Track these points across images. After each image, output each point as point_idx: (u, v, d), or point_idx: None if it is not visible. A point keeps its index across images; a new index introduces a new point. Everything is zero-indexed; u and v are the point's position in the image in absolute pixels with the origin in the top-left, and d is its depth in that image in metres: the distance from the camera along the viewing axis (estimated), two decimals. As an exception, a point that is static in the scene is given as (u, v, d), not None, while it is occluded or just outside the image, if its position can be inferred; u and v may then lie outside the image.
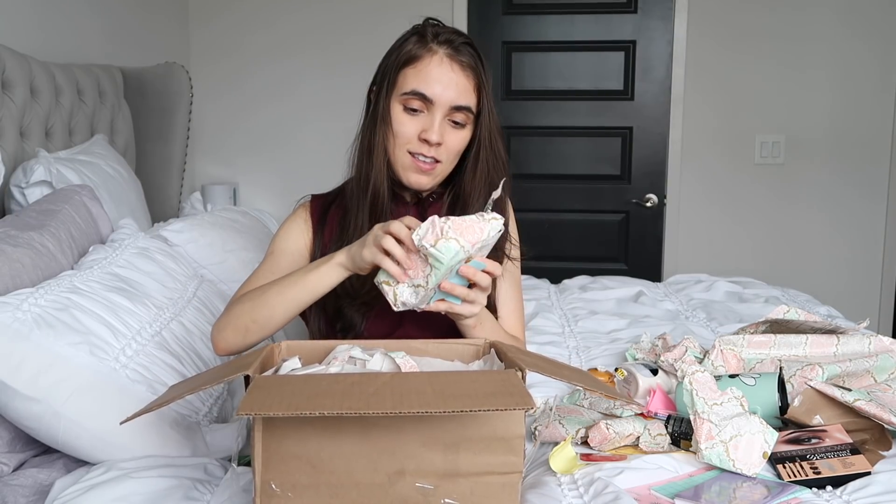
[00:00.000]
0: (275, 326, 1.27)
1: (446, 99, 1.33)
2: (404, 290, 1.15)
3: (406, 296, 1.16)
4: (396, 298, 1.16)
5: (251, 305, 1.27)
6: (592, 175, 3.42)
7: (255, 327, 1.26)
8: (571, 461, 1.16)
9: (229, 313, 1.29)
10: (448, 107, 1.33)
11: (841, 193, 3.36)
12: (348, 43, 3.32)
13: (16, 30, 2.10)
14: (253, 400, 0.89)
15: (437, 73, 1.33)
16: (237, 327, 1.27)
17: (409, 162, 1.36)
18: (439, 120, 1.33)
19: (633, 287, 2.43)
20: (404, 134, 1.34)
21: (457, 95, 1.33)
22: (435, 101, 1.32)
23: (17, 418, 1.23)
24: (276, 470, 0.94)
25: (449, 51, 1.34)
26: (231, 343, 1.28)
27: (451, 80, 1.33)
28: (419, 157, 1.35)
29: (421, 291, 1.15)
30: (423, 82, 1.33)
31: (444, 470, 0.95)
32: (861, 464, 1.14)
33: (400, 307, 1.17)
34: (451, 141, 1.35)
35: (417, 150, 1.34)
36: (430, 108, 1.33)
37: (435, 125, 1.33)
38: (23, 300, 1.27)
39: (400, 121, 1.34)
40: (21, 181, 1.81)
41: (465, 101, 1.34)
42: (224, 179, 3.45)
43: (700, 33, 3.28)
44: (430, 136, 1.32)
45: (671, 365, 1.42)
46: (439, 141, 1.33)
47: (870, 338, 1.42)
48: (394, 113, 1.35)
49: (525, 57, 3.37)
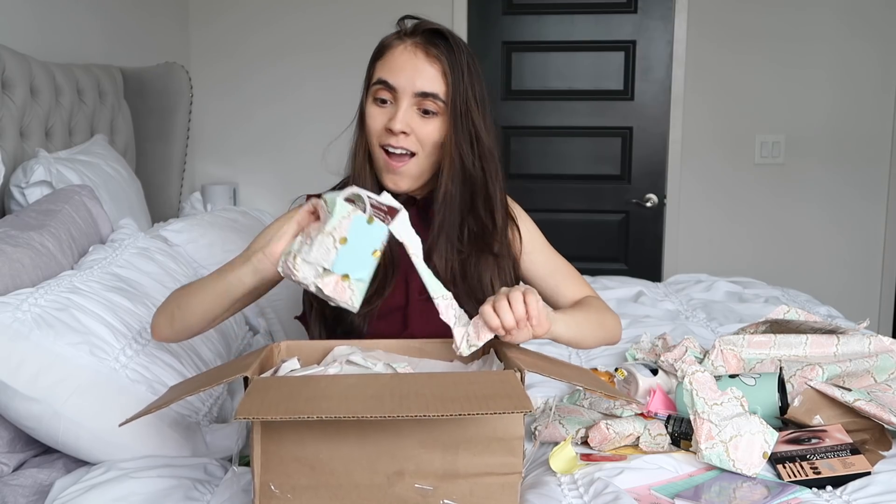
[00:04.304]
0: (196, 320, 1.23)
1: (410, 86, 1.30)
2: (304, 266, 1.10)
3: (306, 271, 1.10)
4: (295, 266, 1.10)
5: (181, 293, 1.26)
6: (592, 175, 3.42)
7: (179, 315, 1.24)
8: (571, 461, 1.16)
9: (167, 298, 1.29)
10: (412, 94, 1.31)
11: (841, 193, 3.36)
12: (348, 43, 3.31)
13: (16, 30, 2.10)
14: (251, 403, 0.89)
15: (401, 61, 1.31)
16: (166, 312, 1.26)
17: (384, 161, 1.34)
18: (404, 108, 1.31)
19: (633, 287, 2.43)
20: (374, 128, 1.33)
21: (421, 82, 1.30)
22: (398, 89, 1.31)
23: (17, 418, 1.23)
24: (275, 471, 0.94)
25: (417, 39, 1.33)
26: (161, 327, 1.27)
27: (414, 66, 1.31)
28: (388, 150, 1.32)
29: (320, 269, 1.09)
30: (388, 71, 1.32)
31: (443, 471, 0.95)
32: (861, 464, 1.14)
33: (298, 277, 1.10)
34: (421, 131, 1.32)
35: (384, 141, 1.32)
36: (396, 98, 1.32)
37: (399, 114, 1.30)
38: (23, 300, 1.27)
39: (370, 114, 1.34)
40: (21, 181, 1.81)
41: (430, 87, 1.31)
42: (224, 179, 3.45)
43: (700, 33, 3.28)
44: (392, 125, 1.30)
45: (671, 365, 1.42)
46: (403, 129, 1.30)
47: (870, 338, 1.42)
48: (366, 108, 1.35)
49: (525, 57, 3.37)
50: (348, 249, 1.09)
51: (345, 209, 1.10)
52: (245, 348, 1.85)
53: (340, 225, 1.09)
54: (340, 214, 1.09)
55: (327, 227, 1.09)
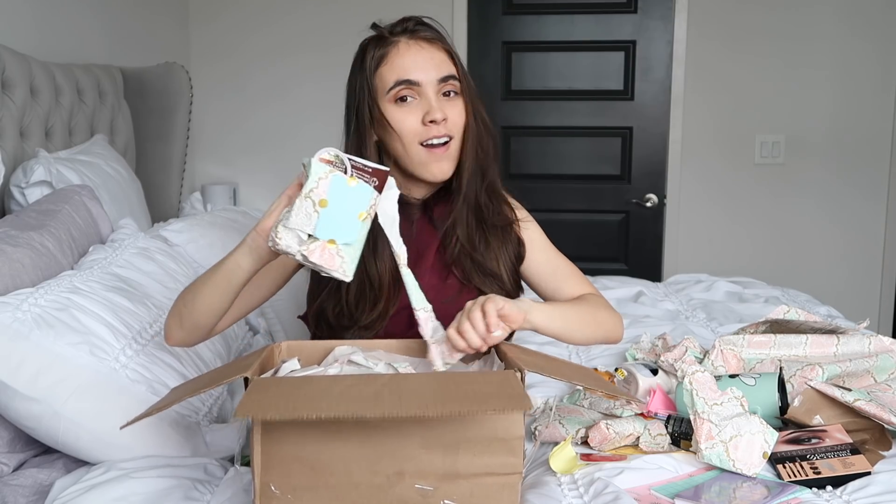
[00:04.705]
0: (203, 314, 1.22)
1: (430, 75, 1.33)
2: (286, 232, 1.06)
3: (288, 238, 1.06)
4: (277, 234, 1.07)
5: (185, 291, 1.26)
6: (592, 175, 3.42)
7: (186, 313, 1.23)
8: (571, 461, 1.16)
9: (174, 301, 1.28)
10: (435, 81, 1.33)
11: (841, 193, 3.35)
12: (348, 43, 3.27)
13: (16, 30, 2.10)
14: (251, 402, 0.89)
15: (411, 57, 1.33)
16: (175, 315, 1.25)
17: (425, 155, 1.34)
18: (434, 97, 1.33)
19: (633, 287, 2.43)
20: (409, 129, 1.33)
21: (437, 69, 1.33)
22: (421, 83, 1.32)
23: (17, 418, 1.23)
24: (275, 472, 0.94)
25: (407, 35, 1.35)
26: (173, 330, 1.26)
27: (424, 57, 1.33)
28: (431, 143, 1.33)
29: (303, 236, 1.06)
30: (402, 70, 1.33)
31: (443, 471, 0.95)
32: (861, 464, 1.14)
33: (281, 246, 1.06)
34: (452, 113, 1.35)
35: (428, 136, 1.33)
36: (421, 92, 1.33)
37: (433, 103, 1.32)
38: (23, 300, 1.27)
39: (398, 118, 1.33)
40: (21, 181, 1.81)
41: (446, 70, 1.34)
42: (224, 179, 3.45)
43: (700, 33, 3.28)
44: (435, 115, 1.31)
45: (671, 365, 1.42)
46: (444, 117, 1.33)
47: (870, 338, 1.42)
48: (389, 114, 1.33)
49: (525, 57, 3.37)
50: (330, 212, 1.05)
51: (321, 169, 1.05)
52: (245, 349, 1.85)
53: (318, 186, 1.05)
54: (317, 175, 1.05)
55: (304, 190, 1.05)
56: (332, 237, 1.05)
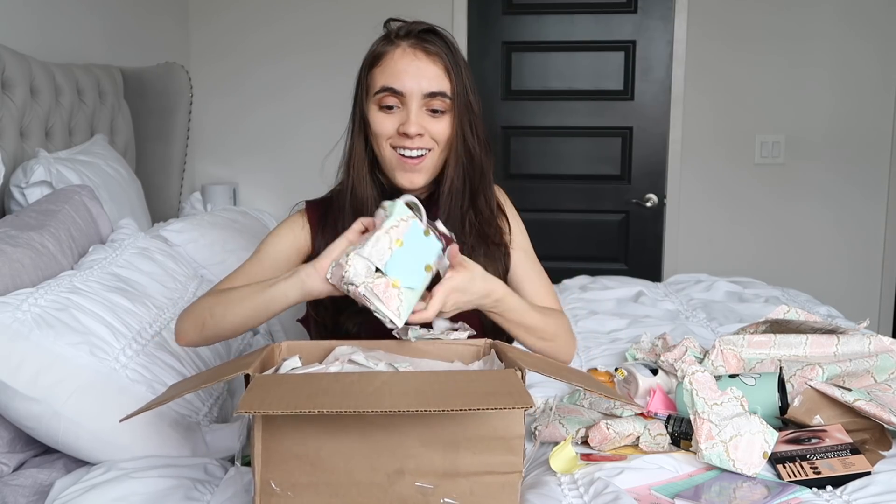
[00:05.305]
0: (230, 328, 1.24)
1: (417, 88, 1.30)
2: (357, 260, 1.08)
3: (358, 266, 1.08)
4: (347, 262, 1.09)
5: (215, 300, 1.26)
6: (592, 175, 3.42)
7: (212, 323, 1.24)
8: (571, 461, 1.16)
9: (195, 304, 1.28)
10: (421, 96, 1.31)
11: (841, 193, 3.35)
12: (348, 43, 3.29)
13: (16, 30, 2.10)
14: (252, 398, 0.89)
15: (403, 65, 1.31)
16: (196, 319, 1.26)
17: (396, 160, 1.33)
18: (415, 111, 1.31)
19: (633, 287, 2.43)
20: (384, 132, 1.33)
21: (427, 83, 1.31)
22: (406, 94, 1.31)
23: (17, 418, 1.23)
24: (275, 469, 0.94)
25: (412, 41, 1.32)
26: (189, 334, 1.27)
27: (417, 68, 1.31)
28: (403, 153, 1.32)
29: (372, 267, 1.08)
30: (392, 76, 1.31)
31: (443, 469, 0.95)
32: (861, 464, 1.14)
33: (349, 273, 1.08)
34: (434, 129, 1.32)
35: (398, 143, 1.32)
36: (405, 102, 1.31)
37: (411, 117, 1.30)
38: (23, 300, 1.27)
39: (377, 120, 1.33)
40: (21, 181, 1.81)
41: (437, 86, 1.31)
42: (224, 179, 3.45)
43: (700, 33, 3.28)
44: (407, 129, 1.30)
45: (671, 365, 1.42)
46: (419, 132, 1.31)
47: (870, 338, 1.42)
48: (371, 115, 1.34)
49: (525, 57, 3.37)
50: (403, 254, 1.08)
51: (404, 212, 1.10)
52: (245, 348, 1.85)
53: (398, 226, 1.08)
54: (399, 216, 1.09)
55: (385, 225, 1.08)
56: (399, 278, 1.08)
